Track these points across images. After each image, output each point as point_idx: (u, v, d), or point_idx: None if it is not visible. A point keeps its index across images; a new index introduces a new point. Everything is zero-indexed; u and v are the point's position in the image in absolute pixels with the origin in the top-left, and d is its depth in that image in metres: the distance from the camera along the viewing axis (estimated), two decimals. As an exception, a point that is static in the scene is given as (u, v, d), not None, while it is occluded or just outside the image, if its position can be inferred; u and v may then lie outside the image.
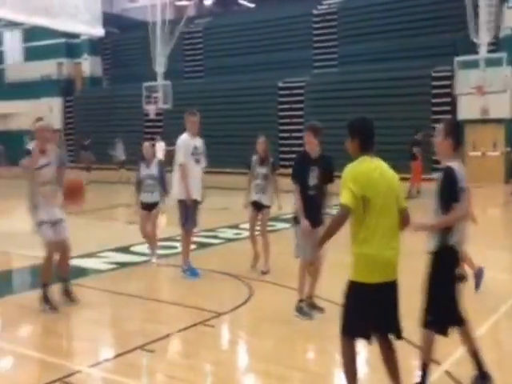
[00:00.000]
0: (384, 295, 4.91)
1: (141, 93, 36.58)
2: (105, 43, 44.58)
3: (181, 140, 10.13)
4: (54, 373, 6.03)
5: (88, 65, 45.65)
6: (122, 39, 44.85)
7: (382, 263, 4.86)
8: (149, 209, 11.23)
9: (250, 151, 10.82)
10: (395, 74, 30.22)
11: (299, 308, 7.89)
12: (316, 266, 7.99)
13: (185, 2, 43.48)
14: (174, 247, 12.10)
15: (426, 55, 30.46)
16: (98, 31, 33.23)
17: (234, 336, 7.68)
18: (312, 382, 6.03)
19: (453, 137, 5.56)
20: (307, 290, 8.00)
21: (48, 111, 41.66)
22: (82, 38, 43.49)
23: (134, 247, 12.33)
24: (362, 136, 5.04)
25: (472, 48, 27.22)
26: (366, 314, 4.88)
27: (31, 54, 46.08)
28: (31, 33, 43.48)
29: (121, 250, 12.45)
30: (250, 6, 50.03)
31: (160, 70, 36.19)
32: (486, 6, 26.61)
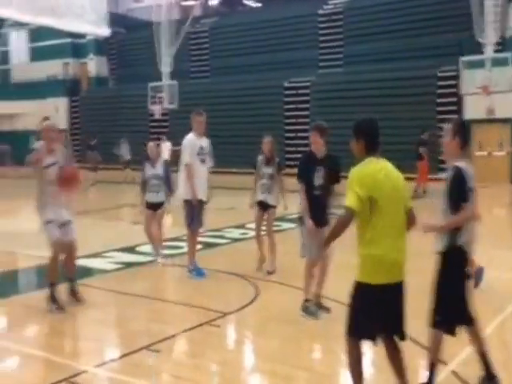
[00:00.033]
0: (390, 296, 4.90)
1: (147, 93, 36.63)
2: (111, 43, 44.66)
3: (187, 140, 10.12)
4: (60, 373, 6.04)
5: (94, 65, 45.73)
6: (128, 39, 44.90)
7: (389, 264, 4.84)
8: (154, 208, 11.25)
9: (255, 151, 10.82)
10: (401, 74, 30.19)
11: (305, 308, 7.88)
12: (323, 266, 7.99)
13: (191, 2, 43.60)
14: (179, 247, 12.09)
15: (432, 55, 30.37)
16: (104, 31, 33.34)
17: (240, 336, 7.68)
18: (318, 381, 6.02)
19: (461, 136, 5.55)
20: (314, 290, 8.01)
21: (54, 111, 41.71)
22: (88, 38, 43.61)
23: (140, 247, 12.33)
24: (368, 137, 5.01)
25: (478, 48, 27.23)
26: (372, 315, 4.86)
27: (37, 54, 46.21)
28: (37, 33, 43.62)
29: (126, 250, 12.47)
30: (256, 5, 50.08)
31: (166, 70, 36.25)
32: (492, 6, 26.62)
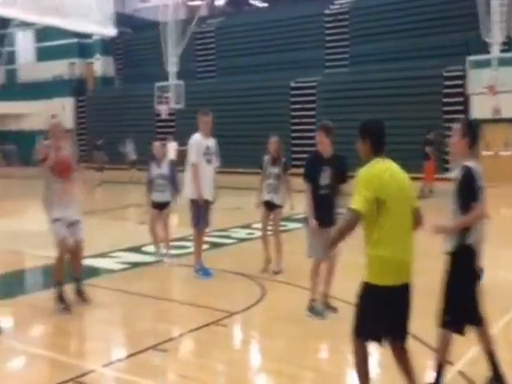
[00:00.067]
0: (397, 298, 4.88)
1: (153, 93, 36.66)
2: (117, 43, 44.75)
3: (193, 140, 10.13)
4: (67, 372, 6.05)
5: (100, 65, 45.85)
6: (134, 39, 44.98)
7: (397, 265, 4.82)
8: (160, 208, 11.28)
9: (262, 151, 10.81)
10: (407, 74, 30.16)
11: (311, 307, 7.88)
12: (330, 266, 7.99)
13: (197, 2, 43.66)
14: (186, 247, 12.10)
15: (438, 55, 30.33)
16: (110, 31, 33.45)
17: (247, 336, 7.68)
18: (324, 381, 6.02)
19: (469, 136, 5.53)
20: (322, 289, 8.00)
21: (60, 111, 41.80)
22: (94, 38, 43.73)
23: (146, 247, 12.31)
24: (374, 138, 4.99)
25: (484, 47, 27.18)
26: (378, 316, 4.85)
27: (43, 54, 46.35)
28: (43, 33, 43.76)
29: (133, 249, 12.48)
30: (262, 5, 50.09)
31: (172, 70, 36.30)
32: (498, 6, 26.60)
